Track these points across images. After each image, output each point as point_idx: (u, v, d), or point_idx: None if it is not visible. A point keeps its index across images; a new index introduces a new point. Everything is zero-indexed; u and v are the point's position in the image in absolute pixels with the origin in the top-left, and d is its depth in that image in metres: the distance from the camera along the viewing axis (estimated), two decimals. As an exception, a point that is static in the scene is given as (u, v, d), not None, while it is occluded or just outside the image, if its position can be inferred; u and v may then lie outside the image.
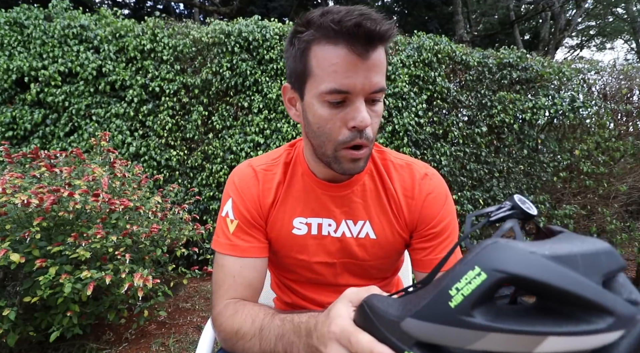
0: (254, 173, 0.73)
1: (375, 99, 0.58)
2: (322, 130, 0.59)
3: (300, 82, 0.61)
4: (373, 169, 0.73)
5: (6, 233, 1.49)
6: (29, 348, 1.76)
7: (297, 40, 0.58)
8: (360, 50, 0.53)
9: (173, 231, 2.04)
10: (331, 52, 0.54)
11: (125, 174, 2.12)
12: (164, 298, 1.96)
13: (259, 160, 0.76)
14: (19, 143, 2.86)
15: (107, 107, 2.91)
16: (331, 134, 0.59)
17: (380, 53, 0.56)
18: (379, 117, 0.61)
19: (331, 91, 0.55)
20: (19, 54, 2.87)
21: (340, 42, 0.54)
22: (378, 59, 0.55)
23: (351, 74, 0.54)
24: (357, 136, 0.57)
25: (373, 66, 0.55)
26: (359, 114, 0.55)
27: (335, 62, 0.54)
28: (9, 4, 4.79)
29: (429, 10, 11.87)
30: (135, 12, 11.62)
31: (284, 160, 0.75)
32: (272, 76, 3.00)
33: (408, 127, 2.94)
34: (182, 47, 2.96)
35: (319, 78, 0.56)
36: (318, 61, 0.56)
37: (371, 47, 0.54)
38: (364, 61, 0.54)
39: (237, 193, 0.72)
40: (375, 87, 0.56)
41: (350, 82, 0.54)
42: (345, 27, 0.52)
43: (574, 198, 3.22)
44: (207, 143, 2.98)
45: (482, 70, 3.16)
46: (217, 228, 0.73)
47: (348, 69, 0.54)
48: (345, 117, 0.57)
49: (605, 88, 3.32)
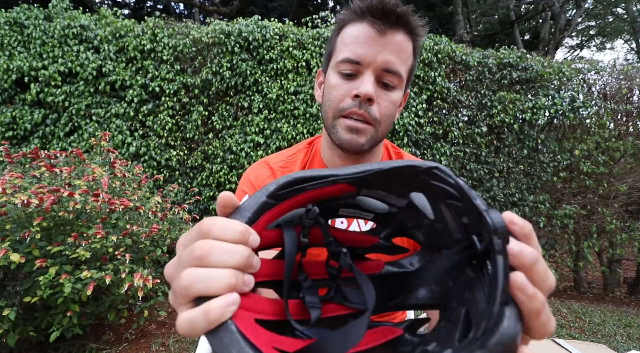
0: (271, 171, 0.72)
1: (387, 81, 0.59)
2: (328, 97, 0.62)
3: (327, 60, 0.65)
4: None
5: (6, 233, 1.49)
6: (29, 348, 1.76)
7: (336, 24, 0.64)
8: (380, 26, 0.56)
9: (173, 231, 2.04)
10: (355, 28, 0.59)
11: (125, 174, 2.12)
12: (164, 298, 1.96)
13: (274, 158, 0.76)
14: (19, 143, 2.86)
15: (107, 107, 2.91)
16: (334, 100, 0.61)
17: (401, 37, 0.58)
18: (393, 103, 0.61)
19: (344, 60, 0.58)
20: (19, 54, 2.87)
21: (364, 20, 0.57)
22: (397, 41, 0.57)
23: (365, 46, 0.57)
24: (357, 105, 0.58)
25: (389, 43, 0.57)
26: (362, 84, 0.57)
27: (354, 35, 0.58)
28: (9, 4, 4.79)
29: (429, 10, 11.86)
30: (135, 12, 11.61)
31: (301, 157, 0.74)
32: (272, 76, 3.00)
33: (408, 127, 2.94)
34: (182, 47, 2.96)
35: (339, 51, 0.61)
36: (343, 38, 0.60)
37: (390, 26, 0.56)
38: (380, 37, 0.56)
39: (253, 190, 0.70)
40: (386, 65, 0.57)
41: (362, 52, 0.57)
42: (369, 6, 0.56)
43: (574, 198, 3.22)
44: (207, 143, 2.98)
45: (482, 70, 3.16)
46: None
47: (364, 41, 0.57)
48: (352, 87, 0.59)
49: (605, 88, 3.32)
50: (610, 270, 3.38)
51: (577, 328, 2.51)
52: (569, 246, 3.20)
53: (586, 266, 3.37)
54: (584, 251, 3.13)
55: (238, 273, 0.23)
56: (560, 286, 3.57)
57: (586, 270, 3.59)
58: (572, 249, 3.21)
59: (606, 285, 3.45)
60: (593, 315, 2.71)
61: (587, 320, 2.63)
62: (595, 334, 2.42)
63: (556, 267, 3.57)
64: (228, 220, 0.24)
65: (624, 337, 2.35)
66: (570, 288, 3.54)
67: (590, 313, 2.76)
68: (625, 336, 2.37)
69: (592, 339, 2.33)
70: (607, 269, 3.32)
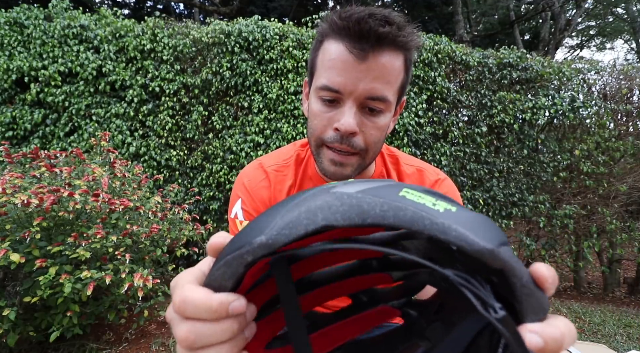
0: (265, 174, 0.71)
1: (373, 107, 0.54)
2: (312, 124, 0.59)
3: (310, 76, 0.61)
4: (385, 174, 0.72)
5: (6, 233, 1.49)
6: (29, 348, 1.76)
7: (316, 35, 0.58)
8: (358, 49, 0.50)
9: (173, 231, 2.04)
10: (334, 47, 0.53)
11: (125, 174, 2.12)
12: (164, 298, 1.96)
13: (269, 160, 0.73)
14: (19, 143, 2.86)
15: (107, 107, 2.91)
16: (317, 129, 0.57)
17: (386, 58, 0.51)
18: (379, 130, 0.56)
19: (323, 87, 0.54)
20: (19, 54, 2.87)
21: (343, 39, 0.51)
22: (381, 64, 0.51)
23: (344, 73, 0.52)
24: (339, 140, 0.55)
25: (371, 69, 0.51)
26: (343, 117, 0.53)
27: (332, 58, 0.53)
28: (9, 4, 4.79)
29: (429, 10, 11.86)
30: (135, 12, 11.61)
31: (294, 161, 0.72)
32: (272, 76, 3.00)
33: (408, 127, 2.94)
34: (182, 47, 2.95)
35: (319, 73, 0.56)
36: (323, 56, 0.55)
37: (371, 48, 0.50)
38: (360, 62, 0.51)
39: (246, 194, 0.70)
40: (369, 94, 0.52)
41: (341, 80, 0.52)
42: (347, 23, 0.50)
43: (574, 198, 3.22)
44: (207, 143, 2.98)
45: (482, 70, 3.16)
46: (229, 231, 0.71)
47: (343, 68, 0.52)
48: (333, 118, 0.55)
49: (605, 88, 3.32)
50: (610, 270, 3.38)
51: (577, 328, 2.51)
52: (569, 246, 3.20)
53: (586, 266, 3.37)
54: (584, 251, 3.13)
55: (234, 341, 0.23)
56: (561, 286, 3.57)
57: (586, 270, 3.59)
58: (572, 249, 3.21)
59: (606, 285, 3.45)
60: (593, 315, 2.71)
61: (587, 320, 2.63)
62: (595, 334, 2.42)
63: (556, 267, 3.56)
64: (197, 294, 0.22)
65: (624, 337, 2.35)
66: (570, 288, 3.54)
67: (590, 313, 2.76)
68: (625, 336, 2.37)
69: (592, 339, 2.33)
70: (607, 269, 3.32)
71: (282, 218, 0.21)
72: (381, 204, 0.20)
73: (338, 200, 0.21)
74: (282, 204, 0.23)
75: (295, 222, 0.21)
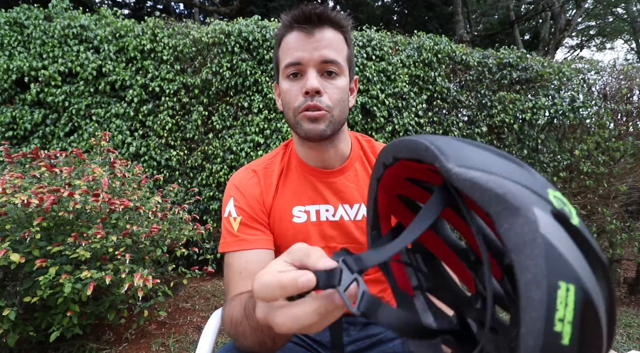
0: (253, 173, 0.78)
1: (330, 70, 0.68)
2: (285, 101, 0.70)
3: (277, 73, 0.73)
4: (362, 156, 0.81)
5: (6, 233, 1.49)
6: (29, 348, 1.76)
7: (275, 40, 0.74)
8: (307, 29, 0.66)
9: (173, 231, 2.04)
10: (289, 37, 0.69)
11: (125, 174, 2.12)
12: (164, 298, 1.96)
13: (256, 162, 0.82)
14: (19, 143, 2.86)
15: (107, 107, 2.91)
16: (290, 102, 0.69)
17: (329, 33, 0.68)
18: (340, 89, 0.69)
19: (287, 65, 0.68)
20: (19, 54, 2.87)
21: (294, 28, 0.68)
22: (327, 36, 0.67)
23: (301, 48, 0.67)
24: (309, 100, 0.66)
25: (320, 40, 0.66)
26: (307, 81, 0.66)
27: (290, 42, 0.68)
28: (9, 4, 4.79)
29: (429, 10, 11.87)
30: (135, 12, 11.61)
31: (280, 157, 0.81)
32: (272, 76, 3.00)
33: (408, 127, 2.94)
34: (182, 47, 2.95)
35: (282, 60, 0.70)
36: (282, 49, 0.70)
37: (316, 26, 0.66)
38: (310, 37, 0.66)
39: (238, 193, 0.75)
40: (323, 57, 0.66)
41: (300, 54, 0.66)
42: (294, 15, 0.67)
43: (574, 198, 3.22)
44: (207, 143, 2.98)
45: (482, 70, 3.16)
46: (223, 231, 0.74)
47: (298, 46, 0.67)
48: (301, 87, 0.67)
49: (605, 88, 3.32)
50: (610, 270, 3.38)
51: (577, 328, 2.50)
52: (569, 246, 3.19)
53: (586, 266, 3.36)
54: (584, 251, 3.12)
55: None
56: (560, 286, 3.56)
57: (586, 270, 3.58)
58: (572, 249, 3.20)
59: (606, 285, 3.45)
60: (593, 315, 2.70)
61: (587, 320, 2.63)
62: (595, 334, 2.41)
63: (556, 267, 3.55)
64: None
65: (624, 337, 2.35)
66: (570, 288, 3.54)
67: (590, 313, 2.75)
68: (625, 336, 2.37)
69: (592, 339, 2.32)
70: (607, 269, 3.31)
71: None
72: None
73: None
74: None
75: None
